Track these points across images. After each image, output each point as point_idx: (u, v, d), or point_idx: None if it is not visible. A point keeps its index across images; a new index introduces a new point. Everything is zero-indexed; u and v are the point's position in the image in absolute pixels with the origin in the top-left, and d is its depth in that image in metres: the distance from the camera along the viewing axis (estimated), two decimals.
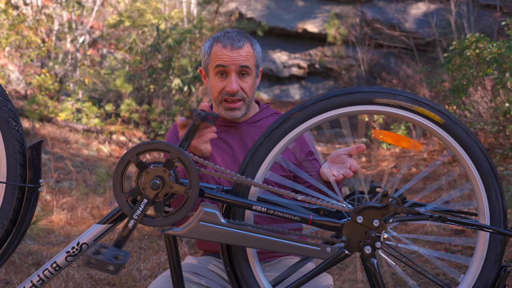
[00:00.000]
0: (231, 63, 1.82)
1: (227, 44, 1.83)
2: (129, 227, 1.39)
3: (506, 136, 6.30)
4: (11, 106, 1.54)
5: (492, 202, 1.39)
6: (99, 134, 9.47)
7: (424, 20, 12.49)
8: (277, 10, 13.67)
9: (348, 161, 1.69)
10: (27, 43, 10.50)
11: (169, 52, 9.62)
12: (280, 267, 1.86)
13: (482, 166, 1.39)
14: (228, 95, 1.84)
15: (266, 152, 1.43)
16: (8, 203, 1.51)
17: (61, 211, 4.87)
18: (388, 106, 1.40)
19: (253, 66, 1.86)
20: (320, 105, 1.41)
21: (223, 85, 1.85)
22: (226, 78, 1.84)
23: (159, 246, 3.90)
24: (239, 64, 1.82)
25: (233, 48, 1.82)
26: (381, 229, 1.39)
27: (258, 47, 1.91)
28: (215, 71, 1.85)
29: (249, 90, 1.86)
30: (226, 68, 1.82)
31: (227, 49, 1.82)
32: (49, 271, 1.52)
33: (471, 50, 6.16)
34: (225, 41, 1.83)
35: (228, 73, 1.84)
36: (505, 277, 1.39)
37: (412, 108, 1.39)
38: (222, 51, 1.83)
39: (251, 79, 1.87)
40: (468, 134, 1.39)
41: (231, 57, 1.82)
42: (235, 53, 1.82)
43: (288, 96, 13.72)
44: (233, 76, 1.83)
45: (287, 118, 1.43)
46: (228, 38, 1.84)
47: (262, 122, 1.95)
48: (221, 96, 1.86)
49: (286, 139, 1.43)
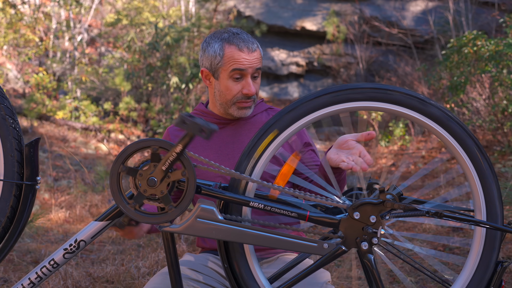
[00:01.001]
0: (249, 66, 1.82)
1: (244, 48, 1.81)
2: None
3: (504, 133, 6.31)
4: (8, 103, 1.54)
5: (488, 198, 1.40)
6: (97, 132, 9.47)
7: (422, 18, 12.49)
8: (276, 8, 13.66)
9: (356, 147, 1.60)
10: (25, 42, 10.49)
11: (167, 50, 9.62)
12: (278, 264, 1.86)
13: (477, 161, 1.39)
14: (245, 98, 1.84)
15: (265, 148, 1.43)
16: (6, 201, 1.51)
17: (59, 209, 4.87)
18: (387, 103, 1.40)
19: (261, 68, 1.89)
20: (319, 100, 1.41)
21: (239, 88, 1.84)
22: (242, 81, 1.84)
23: (158, 243, 3.90)
24: (255, 67, 1.83)
25: (249, 51, 1.82)
26: (378, 225, 1.39)
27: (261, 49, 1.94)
28: (231, 75, 1.83)
29: (258, 92, 1.90)
30: (244, 71, 1.82)
31: (245, 53, 1.81)
32: (47, 269, 1.53)
33: (469, 48, 6.16)
34: (241, 44, 1.81)
35: (245, 76, 1.83)
36: (502, 272, 1.40)
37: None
38: (239, 55, 1.81)
39: (259, 79, 1.90)
40: (464, 129, 1.39)
41: (249, 61, 1.81)
42: (252, 56, 1.82)
43: (287, 94, 13.71)
44: (249, 79, 1.83)
45: (285, 113, 1.43)
46: (242, 41, 1.82)
47: (256, 117, 1.95)
48: (235, 98, 1.85)
49: (284, 134, 1.43)
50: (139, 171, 1.38)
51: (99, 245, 3.92)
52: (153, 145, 1.38)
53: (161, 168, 1.38)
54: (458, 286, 1.41)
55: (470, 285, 1.40)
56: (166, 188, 1.39)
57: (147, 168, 1.39)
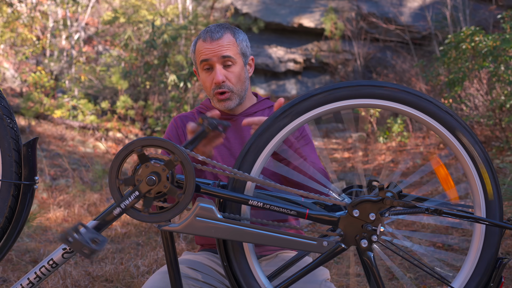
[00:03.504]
0: (212, 55, 1.82)
1: (207, 38, 1.84)
2: (113, 214, 1.39)
3: (502, 129, 6.32)
4: (5, 103, 1.54)
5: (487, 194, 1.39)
6: (95, 131, 9.45)
7: (419, 14, 12.49)
8: (273, 5, 13.64)
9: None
10: (22, 41, 10.46)
11: (164, 48, 9.60)
12: (277, 262, 1.86)
13: (476, 157, 1.39)
14: (217, 88, 1.85)
15: (263, 145, 1.43)
16: (4, 201, 1.51)
17: (57, 208, 4.87)
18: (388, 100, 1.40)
19: (236, 55, 1.85)
20: (320, 98, 1.41)
21: (210, 79, 1.86)
22: (212, 72, 1.85)
23: (157, 242, 3.90)
24: (220, 55, 1.82)
25: (212, 40, 1.83)
26: (378, 223, 1.39)
27: (242, 36, 1.90)
28: (201, 67, 1.87)
29: (237, 80, 1.86)
30: (209, 61, 1.84)
31: (207, 42, 1.83)
32: (46, 268, 1.52)
33: (467, 43, 6.16)
34: (205, 36, 1.85)
35: (213, 65, 1.84)
36: (501, 269, 1.40)
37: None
38: (203, 46, 1.84)
39: (237, 68, 1.86)
40: (461, 124, 1.39)
41: (211, 49, 1.82)
42: (215, 44, 1.82)
43: (285, 91, 13.71)
44: (217, 68, 1.83)
45: (285, 110, 1.42)
46: (207, 32, 1.85)
47: (259, 114, 1.94)
48: (212, 90, 1.86)
49: (283, 131, 1.42)
50: (149, 162, 1.38)
51: None
52: (178, 155, 1.37)
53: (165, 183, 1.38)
54: (458, 282, 1.41)
55: (470, 281, 1.40)
56: (167, 180, 1.38)
57: (156, 166, 1.38)
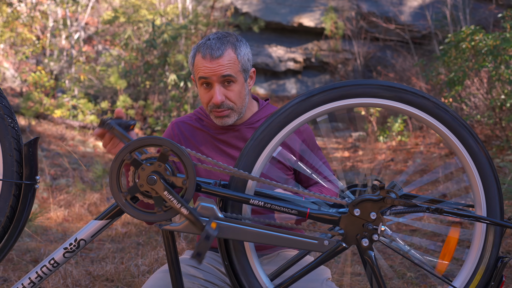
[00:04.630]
0: (211, 74, 1.75)
1: (206, 55, 1.75)
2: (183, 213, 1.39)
3: (502, 128, 6.32)
4: (6, 103, 1.54)
5: (488, 193, 1.40)
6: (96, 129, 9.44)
7: (419, 13, 12.49)
8: (273, 4, 13.64)
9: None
10: (21, 40, 10.46)
11: (164, 48, 9.60)
12: (278, 260, 1.86)
13: (478, 157, 1.39)
14: (215, 107, 1.79)
15: (264, 145, 1.43)
16: (5, 200, 1.51)
17: (58, 208, 4.87)
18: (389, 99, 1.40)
19: (237, 73, 1.78)
20: (319, 97, 1.41)
21: (208, 97, 1.79)
22: (211, 89, 1.78)
23: (157, 241, 3.90)
24: (220, 75, 1.75)
25: (212, 58, 1.74)
26: (378, 222, 1.39)
27: (245, 50, 1.80)
28: (200, 82, 1.80)
29: (237, 98, 1.79)
30: (208, 79, 1.76)
31: (207, 60, 1.75)
32: (47, 268, 1.52)
33: (467, 43, 6.16)
34: (205, 52, 1.76)
35: (212, 84, 1.78)
36: (502, 268, 1.40)
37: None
38: (202, 63, 1.76)
39: (238, 86, 1.79)
40: (463, 125, 1.39)
41: (211, 68, 1.74)
42: (215, 63, 1.74)
43: (285, 91, 13.71)
44: (216, 88, 1.76)
45: (284, 110, 1.42)
46: (207, 48, 1.76)
47: (261, 123, 1.88)
48: (209, 107, 1.81)
49: (284, 131, 1.42)
50: (143, 165, 1.38)
51: (99, 244, 3.92)
52: (166, 145, 1.37)
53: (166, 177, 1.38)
54: (459, 281, 1.41)
55: (471, 280, 1.40)
56: (167, 174, 1.39)
57: (151, 165, 1.38)
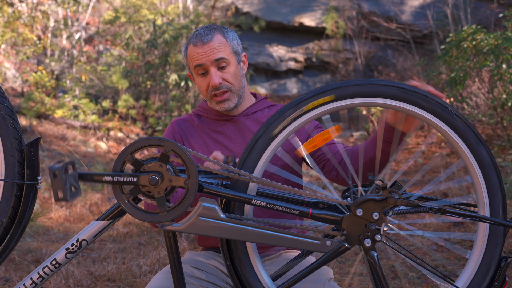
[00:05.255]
0: (205, 59, 1.83)
1: (197, 42, 1.84)
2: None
3: (504, 128, 6.31)
4: (7, 103, 1.54)
5: (492, 193, 1.39)
6: (96, 130, 9.45)
7: (420, 12, 12.47)
8: (274, 4, 13.63)
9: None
10: (23, 40, 10.46)
11: (165, 48, 9.60)
12: (280, 261, 1.86)
13: (481, 157, 1.39)
14: (214, 90, 1.85)
15: (266, 145, 1.42)
16: (7, 201, 1.51)
17: (59, 208, 4.87)
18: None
19: (229, 55, 1.86)
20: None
21: (206, 82, 1.86)
22: (207, 75, 1.86)
23: (158, 241, 3.90)
24: (213, 58, 1.83)
25: (203, 43, 1.83)
26: (381, 222, 1.39)
27: (232, 34, 1.90)
28: (196, 72, 1.87)
29: (233, 79, 1.86)
30: (203, 66, 1.84)
31: (198, 47, 1.83)
32: (49, 268, 1.52)
33: (468, 42, 6.15)
34: (195, 40, 1.85)
35: (207, 69, 1.85)
36: (505, 268, 1.39)
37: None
38: (194, 51, 1.84)
39: (232, 67, 1.87)
40: (466, 125, 1.39)
41: (204, 53, 1.83)
42: (206, 47, 1.82)
43: (286, 90, 13.70)
44: (212, 71, 1.84)
45: (287, 109, 1.42)
46: (197, 36, 1.85)
47: (258, 114, 1.94)
48: (209, 93, 1.87)
49: (286, 131, 1.42)
50: (144, 165, 1.38)
51: (100, 244, 3.92)
52: (167, 146, 1.37)
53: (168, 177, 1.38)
54: (462, 281, 1.41)
55: (474, 280, 1.40)
56: (164, 191, 1.38)
57: (153, 165, 1.38)
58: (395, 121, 1.57)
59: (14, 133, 1.52)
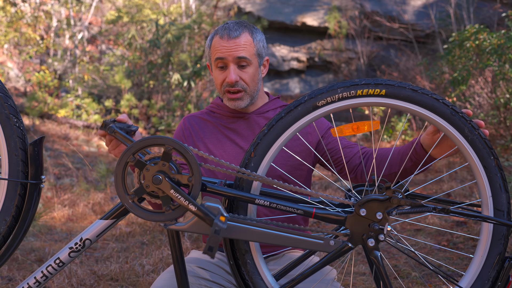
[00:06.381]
0: (228, 54, 1.80)
1: (224, 35, 1.81)
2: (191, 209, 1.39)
3: (507, 127, 6.29)
4: (12, 102, 1.54)
5: (495, 193, 1.39)
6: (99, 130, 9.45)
7: (423, 12, 12.45)
8: (276, 3, 13.63)
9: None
10: (25, 40, 10.48)
11: (168, 48, 9.60)
12: (284, 261, 1.86)
13: (485, 158, 1.38)
14: (229, 86, 1.83)
15: (270, 144, 1.42)
16: (11, 200, 1.51)
17: (62, 207, 4.87)
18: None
19: (252, 56, 1.83)
20: (327, 95, 1.40)
21: (223, 77, 1.84)
22: (226, 70, 1.84)
23: (161, 241, 3.90)
24: (236, 55, 1.80)
25: (229, 38, 1.80)
26: (384, 222, 1.39)
27: (260, 36, 1.87)
28: (215, 64, 1.85)
29: (250, 81, 1.84)
30: (224, 60, 1.81)
31: (224, 40, 1.81)
32: (53, 267, 1.53)
33: (471, 42, 6.14)
34: (223, 32, 1.82)
35: (227, 64, 1.82)
36: (509, 268, 1.39)
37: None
38: (219, 43, 1.82)
39: (252, 68, 1.84)
40: (498, 168, 1.39)
41: (228, 48, 1.80)
42: (232, 43, 1.80)
43: (288, 90, 13.69)
44: (231, 67, 1.81)
45: (291, 109, 1.42)
46: (225, 29, 1.82)
47: (270, 113, 1.93)
48: (223, 88, 1.85)
49: (290, 130, 1.42)
50: (147, 165, 1.38)
51: (103, 243, 3.92)
52: (168, 144, 1.37)
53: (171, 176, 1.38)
54: (466, 281, 1.40)
55: (477, 280, 1.39)
56: (172, 172, 1.38)
57: (155, 165, 1.38)
58: (430, 143, 1.56)
59: (18, 132, 1.52)
